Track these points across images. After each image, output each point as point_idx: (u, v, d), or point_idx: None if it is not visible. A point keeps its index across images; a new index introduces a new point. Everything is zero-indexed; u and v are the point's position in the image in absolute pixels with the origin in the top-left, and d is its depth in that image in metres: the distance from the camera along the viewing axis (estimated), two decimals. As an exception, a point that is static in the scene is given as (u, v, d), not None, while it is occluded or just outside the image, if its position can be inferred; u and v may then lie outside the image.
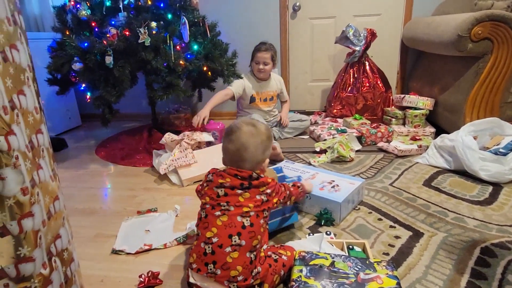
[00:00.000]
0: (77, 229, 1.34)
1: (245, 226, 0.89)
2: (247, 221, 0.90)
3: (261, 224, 0.92)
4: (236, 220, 0.89)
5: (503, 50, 1.73)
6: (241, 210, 0.90)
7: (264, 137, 0.98)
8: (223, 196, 0.93)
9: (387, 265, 0.91)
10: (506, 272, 0.97)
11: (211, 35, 2.09)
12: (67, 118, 2.79)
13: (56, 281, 0.61)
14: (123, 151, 2.20)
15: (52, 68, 1.87)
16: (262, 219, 0.93)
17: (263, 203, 0.94)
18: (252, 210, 0.91)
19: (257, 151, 0.96)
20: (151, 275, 1.03)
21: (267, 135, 1.00)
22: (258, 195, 0.94)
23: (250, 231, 0.89)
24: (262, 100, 2.30)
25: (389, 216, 1.30)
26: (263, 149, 0.98)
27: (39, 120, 0.58)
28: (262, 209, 0.93)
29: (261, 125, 1.00)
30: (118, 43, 1.72)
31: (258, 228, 0.91)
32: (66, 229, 0.67)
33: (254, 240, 0.89)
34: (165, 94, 1.88)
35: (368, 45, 2.38)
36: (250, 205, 0.91)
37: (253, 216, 0.91)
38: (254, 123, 0.99)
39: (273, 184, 0.98)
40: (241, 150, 0.95)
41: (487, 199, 1.38)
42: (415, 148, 1.87)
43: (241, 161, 0.96)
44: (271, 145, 1.02)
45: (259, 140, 0.96)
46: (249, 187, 0.93)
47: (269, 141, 1.01)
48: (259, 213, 0.92)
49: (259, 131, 0.97)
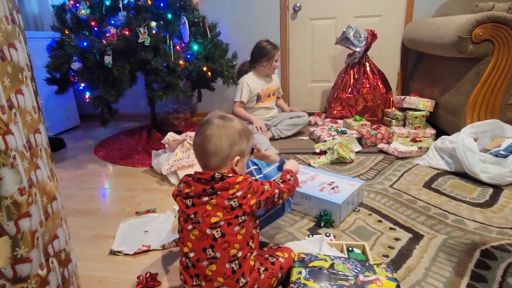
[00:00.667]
0: (75, 229, 1.34)
1: (216, 238, 0.83)
2: (218, 233, 0.83)
3: (236, 232, 0.84)
4: (206, 232, 0.84)
5: (504, 51, 1.73)
6: (210, 222, 0.84)
7: (231, 130, 0.89)
8: (191, 207, 0.87)
9: (387, 267, 0.90)
10: (507, 275, 0.97)
11: (211, 36, 2.09)
12: (66, 117, 2.78)
13: (53, 282, 0.60)
14: (122, 151, 2.19)
15: (51, 68, 1.87)
16: (236, 226, 0.85)
17: (233, 209, 0.85)
18: (221, 220, 0.84)
19: (221, 143, 0.87)
20: (149, 276, 1.02)
21: (237, 129, 0.90)
22: (226, 200, 0.85)
23: (223, 242, 0.83)
24: (267, 96, 2.32)
25: (389, 218, 1.29)
26: (229, 143, 0.88)
27: (37, 120, 0.57)
28: (234, 216, 0.84)
29: (236, 121, 0.92)
30: (118, 42, 1.71)
31: (233, 237, 0.84)
32: (63, 229, 0.66)
33: (231, 250, 0.84)
34: (164, 94, 1.88)
35: (368, 46, 2.38)
36: (218, 214, 0.84)
37: (223, 225, 0.84)
38: (228, 117, 0.91)
39: (244, 184, 0.87)
40: (205, 142, 0.87)
41: (487, 201, 1.38)
42: (416, 150, 1.86)
43: (205, 155, 0.88)
44: (243, 142, 0.91)
45: (225, 131, 0.88)
46: (215, 192, 0.85)
47: (240, 137, 0.90)
48: (231, 221, 0.84)
49: (229, 125, 0.89)
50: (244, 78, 2.23)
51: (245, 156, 0.95)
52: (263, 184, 0.92)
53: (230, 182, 0.86)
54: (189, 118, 2.81)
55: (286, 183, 0.98)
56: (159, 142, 2.17)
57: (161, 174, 1.80)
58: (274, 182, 0.96)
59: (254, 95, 2.25)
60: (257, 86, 2.26)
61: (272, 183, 0.95)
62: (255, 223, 0.92)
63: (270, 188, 0.92)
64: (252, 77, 2.24)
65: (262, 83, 2.28)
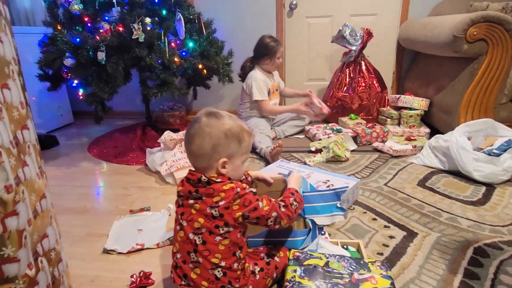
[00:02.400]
0: (68, 228, 1.32)
1: (197, 244, 0.81)
2: (199, 239, 0.81)
3: (217, 242, 0.80)
4: (189, 237, 0.82)
5: (498, 51, 1.74)
6: (192, 226, 0.82)
7: (215, 130, 0.82)
8: (180, 207, 0.85)
9: (381, 265, 0.90)
10: (499, 272, 0.97)
11: (206, 33, 2.08)
12: (59, 115, 2.74)
13: (43, 282, 0.59)
14: (116, 149, 2.17)
15: (43, 64, 1.84)
16: (218, 236, 0.80)
17: (214, 218, 0.80)
18: (203, 226, 0.80)
19: (203, 143, 0.81)
20: (143, 275, 1.01)
21: (222, 129, 0.82)
22: (208, 208, 0.80)
23: (204, 249, 0.80)
24: (274, 91, 2.30)
25: (383, 216, 1.29)
26: (212, 145, 0.81)
27: (25, 116, 0.56)
28: (215, 225, 0.80)
29: (225, 120, 0.84)
30: (111, 38, 1.69)
31: (214, 247, 0.80)
32: (53, 228, 0.65)
33: (212, 259, 0.80)
34: (159, 92, 1.86)
35: (364, 45, 2.38)
36: (200, 220, 0.81)
37: (205, 233, 0.80)
38: (217, 115, 0.84)
39: (230, 194, 0.80)
40: (188, 142, 0.84)
41: (480, 200, 1.39)
42: (410, 148, 1.87)
43: (190, 155, 0.85)
44: (230, 143, 0.83)
45: (208, 131, 0.81)
46: (200, 196, 0.82)
47: (226, 138, 0.82)
48: (212, 230, 0.80)
49: (215, 124, 0.82)
50: (255, 75, 2.17)
51: (237, 158, 0.86)
52: (259, 201, 0.83)
53: (215, 189, 0.81)
54: (184, 116, 2.79)
55: (287, 208, 0.87)
56: (153, 140, 2.15)
57: (155, 172, 1.78)
58: (274, 203, 0.86)
59: (267, 90, 2.23)
60: (268, 82, 2.24)
61: (272, 203, 0.85)
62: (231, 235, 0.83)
63: (266, 208, 0.83)
64: (259, 73, 2.21)
65: (269, 79, 2.26)
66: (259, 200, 0.84)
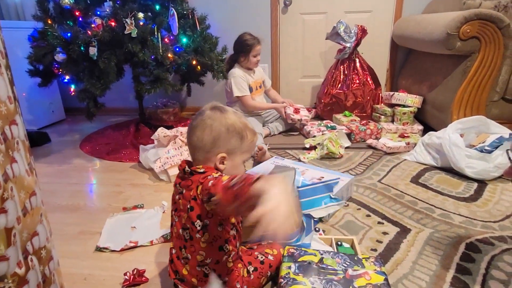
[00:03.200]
0: (60, 226, 1.30)
1: (186, 239, 0.80)
2: (187, 234, 0.80)
3: (197, 239, 0.78)
4: (179, 233, 0.82)
5: (490, 49, 1.76)
6: (181, 221, 0.81)
7: (217, 124, 0.80)
8: (175, 202, 0.85)
9: (375, 261, 0.91)
10: (490, 267, 0.99)
11: (200, 28, 2.05)
12: (50, 111, 2.70)
13: (33, 281, 0.58)
14: (109, 146, 2.14)
15: (33, 59, 1.80)
16: (196, 233, 0.78)
17: (188, 212, 0.78)
18: (186, 222, 0.79)
19: (203, 136, 0.80)
20: (137, 272, 1.00)
21: (225, 123, 0.81)
22: (187, 203, 0.78)
23: (191, 245, 0.80)
24: (256, 88, 2.30)
25: (377, 212, 1.30)
26: (212, 137, 0.80)
27: (13, 111, 0.54)
28: (191, 221, 0.77)
29: (229, 115, 0.83)
30: (103, 33, 1.67)
31: (197, 244, 0.79)
32: (44, 226, 0.64)
33: (197, 256, 0.80)
34: (152, 88, 1.84)
35: (358, 42, 2.38)
36: (184, 215, 0.80)
37: (189, 228, 0.79)
38: (222, 109, 0.83)
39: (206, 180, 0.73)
40: (190, 133, 0.83)
41: (472, 196, 1.40)
42: (403, 145, 1.88)
43: (190, 147, 0.84)
44: (231, 139, 0.82)
45: (210, 123, 0.80)
46: (181, 190, 0.80)
47: (228, 133, 0.81)
48: (191, 227, 0.78)
49: (218, 117, 0.81)
50: (234, 72, 2.21)
51: (237, 155, 0.84)
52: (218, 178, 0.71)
53: (193, 181, 0.77)
54: (178, 113, 2.77)
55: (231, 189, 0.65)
56: (147, 137, 2.13)
57: (149, 169, 1.77)
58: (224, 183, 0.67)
59: (247, 86, 2.23)
60: (248, 78, 2.24)
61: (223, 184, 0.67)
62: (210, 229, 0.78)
63: (217, 184, 0.68)
64: (238, 70, 2.22)
65: (249, 76, 2.26)
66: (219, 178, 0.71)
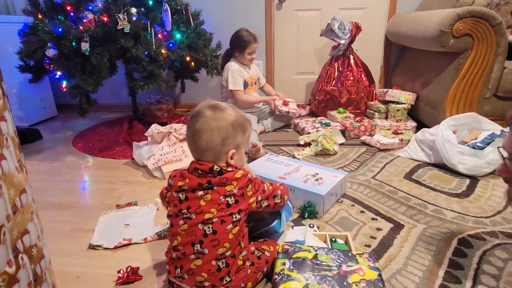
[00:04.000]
0: (52, 224, 1.29)
1: (206, 234, 0.81)
2: (209, 229, 0.81)
3: (228, 231, 0.82)
4: (198, 228, 0.82)
5: (483, 46, 1.77)
6: (202, 218, 0.81)
7: (223, 123, 0.83)
8: (184, 201, 0.84)
9: (369, 257, 0.91)
10: (482, 262, 1.00)
11: (194, 24, 2.04)
12: (42, 108, 2.66)
13: (24, 279, 0.57)
14: (102, 143, 2.12)
15: (23, 54, 1.77)
16: (230, 224, 0.82)
17: (229, 206, 0.82)
18: (215, 217, 0.81)
19: (212, 138, 0.82)
20: (131, 270, 0.99)
21: (229, 121, 0.84)
22: (222, 197, 0.82)
23: (213, 239, 0.81)
24: (252, 84, 2.29)
25: (371, 208, 1.31)
26: (221, 138, 0.83)
27: (1, 106, 0.53)
28: (229, 213, 0.82)
29: (229, 112, 0.85)
30: (96, 29, 1.64)
31: (224, 236, 0.81)
32: (35, 224, 0.63)
33: (219, 249, 0.81)
34: (146, 84, 1.83)
35: (353, 39, 2.38)
36: (212, 210, 0.81)
37: (216, 222, 0.81)
38: (220, 108, 0.85)
39: (243, 181, 0.84)
40: (195, 137, 0.83)
41: (464, 192, 1.42)
42: (397, 142, 1.89)
43: (197, 151, 0.85)
44: (238, 135, 0.86)
45: (216, 125, 0.82)
46: (211, 187, 0.82)
47: (234, 129, 0.84)
48: (224, 219, 0.81)
49: (221, 116, 0.83)
50: (230, 65, 2.19)
51: (242, 148, 0.89)
52: (264, 183, 0.90)
53: (228, 178, 0.83)
54: (172, 110, 2.75)
55: (283, 185, 0.99)
56: (141, 134, 2.11)
57: (143, 166, 1.75)
58: (274, 183, 0.96)
59: (243, 81, 2.22)
60: (243, 73, 2.23)
61: (274, 185, 0.95)
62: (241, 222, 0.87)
63: (270, 187, 0.92)
64: (234, 64, 2.21)
65: (245, 71, 2.25)
66: (263, 182, 0.91)
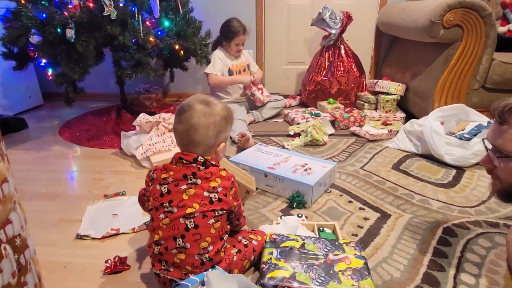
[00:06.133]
0: (38, 214, 1.27)
1: (188, 228, 0.81)
2: (191, 223, 0.81)
3: (210, 225, 0.82)
4: (179, 222, 0.82)
5: (472, 37, 1.78)
6: (184, 212, 0.81)
7: (218, 118, 0.86)
8: (166, 195, 0.84)
9: (355, 245, 0.93)
10: (465, 250, 1.02)
11: (183, 11, 1.99)
12: (27, 96, 2.59)
13: (7, 269, 0.56)
14: (89, 133, 2.09)
15: (6, 40, 1.71)
16: (212, 219, 0.82)
17: (212, 202, 0.83)
18: (197, 211, 0.81)
19: (208, 132, 0.85)
20: (118, 260, 0.99)
21: (222, 115, 0.88)
22: (206, 192, 0.83)
23: (195, 233, 0.81)
24: (238, 72, 2.26)
25: (359, 198, 1.32)
26: (216, 131, 0.86)
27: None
28: (212, 209, 0.82)
29: (217, 105, 0.89)
30: (81, 15, 1.59)
31: (206, 230, 0.82)
32: (18, 214, 0.61)
33: (201, 243, 0.82)
34: (134, 73, 1.79)
35: (344, 29, 2.37)
36: (195, 205, 0.82)
37: (198, 216, 0.81)
38: (209, 102, 0.88)
39: (227, 182, 0.86)
40: (191, 132, 0.84)
41: (450, 182, 1.44)
42: (386, 133, 1.91)
43: (191, 144, 0.86)
44: (228, 128, 0.90)
45: (211, 120, 0.85)
46: (195, 182, 0.83)
47: (226, 123, 0.89)
48: (207, 213, 0.82)
49: (213, 111, 0.86)
50: (215, 52, 2.20)
51: (227, 139, 0.94)
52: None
53: (213, 173, 0.85)
54: (161, 99, 2.71)
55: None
56: (129, 123, 2.08)
57: (131, 156, 1.73)
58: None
59: (226, 69, 2.20)
60: (227, 61, 2.21)
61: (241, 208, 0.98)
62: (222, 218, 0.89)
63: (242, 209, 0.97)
64: (219, 51, 2.19)
65: (231, 59, 2.23)
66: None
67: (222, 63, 2.17)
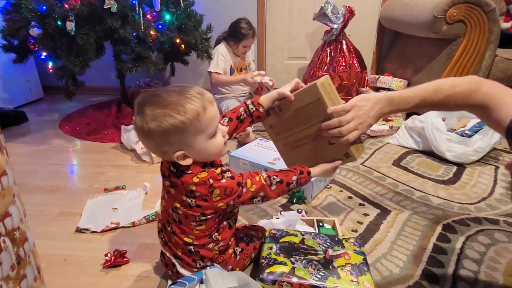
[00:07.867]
0: (38, 207, 1.28)
1: (175, 220, 0.81)
2: (176, 217, 0.80)
3: (192, 226, 0.79)
4: (168, 211, 0.82)
5: (475, 33, 1.76)
6: (171, 204, 0.80)
7: (141, 137, 0.74)
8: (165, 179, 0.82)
9: (355, 241, 0.93)
10: (465, 247, 1.02)
11: (184, 5, 1.97)
12: (27, 89, 2.59)
13: (6, 262, 0.56)
14: (90, 126, 2.08)
15: (6, 33, 1.70)
16: (193, 222, 0.78)
17: (190, 207, 0.76)
18: (179, 209, 0.78)
19: (146, 143, 0.76)
20: (118, 254, 0.99)
21: (142, 133, 0.72)
22: (184, 196, 0.76)
23: (179, 227, 0.80)
24: (239, 70, 2.25)
25: (359, 194, 1.32)
26: (154, 144, 0.73)
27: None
28: (191, 214, 0.77)
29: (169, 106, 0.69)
30: (81, 7, 1.58)
31: (188, 229, 0.79)
32: (17, 207, 0.61)
33: (184, 238, 0.80)
34: (134, 67, 1.78)
35: (346, 23, 2.35)
36: (176, 204, 0.78)
37: (181, 214, 0.78)
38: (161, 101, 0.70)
39: (203, 187, 0.74)
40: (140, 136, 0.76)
41: (451, 179, 1.44)
42: (387, 129, 1.90)
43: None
44: (175, 137, 0.71)
45: (141, 139, 0.75)
46: (172, 184, 0.78)
47: (166, 136, 0.70)
48: (188, 215, 0.77)
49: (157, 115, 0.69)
50: (218, 48, 2.14)
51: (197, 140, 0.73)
52: (243, 185, 0.78)
53: (184, 182, 0.74)
54: (162, 93, 2.70)
55: (280, 185, 0.83)
56: (129, 117, 2.08)
57: (131, 150, 1.73)
58: (264, 181, 0.81)
59: (228, 66, 2.18)
60: (230, 57, 2.19)
61: (261, 183, 0.80)
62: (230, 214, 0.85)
63: (253, 188, 0.79)
64: (223, 47, 2.16)
65: (233, 57, 2.21)
66: (242, 185, 0.78)
67: (225, 60, 2.15)
